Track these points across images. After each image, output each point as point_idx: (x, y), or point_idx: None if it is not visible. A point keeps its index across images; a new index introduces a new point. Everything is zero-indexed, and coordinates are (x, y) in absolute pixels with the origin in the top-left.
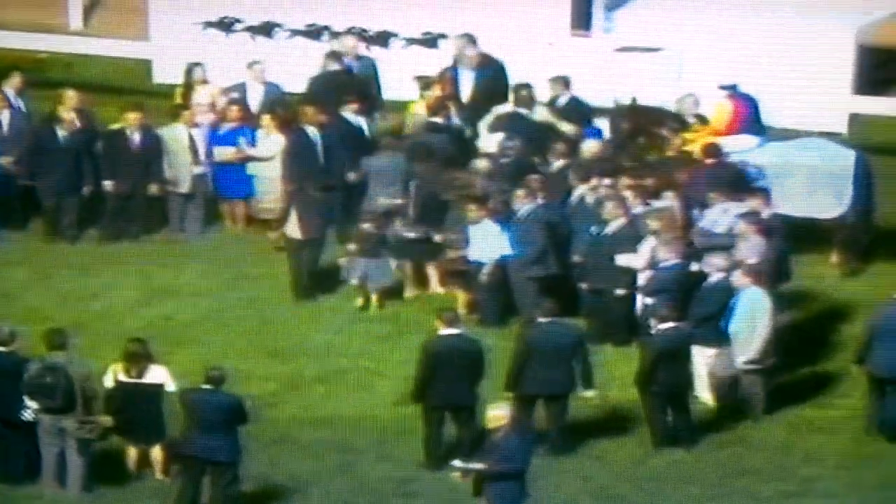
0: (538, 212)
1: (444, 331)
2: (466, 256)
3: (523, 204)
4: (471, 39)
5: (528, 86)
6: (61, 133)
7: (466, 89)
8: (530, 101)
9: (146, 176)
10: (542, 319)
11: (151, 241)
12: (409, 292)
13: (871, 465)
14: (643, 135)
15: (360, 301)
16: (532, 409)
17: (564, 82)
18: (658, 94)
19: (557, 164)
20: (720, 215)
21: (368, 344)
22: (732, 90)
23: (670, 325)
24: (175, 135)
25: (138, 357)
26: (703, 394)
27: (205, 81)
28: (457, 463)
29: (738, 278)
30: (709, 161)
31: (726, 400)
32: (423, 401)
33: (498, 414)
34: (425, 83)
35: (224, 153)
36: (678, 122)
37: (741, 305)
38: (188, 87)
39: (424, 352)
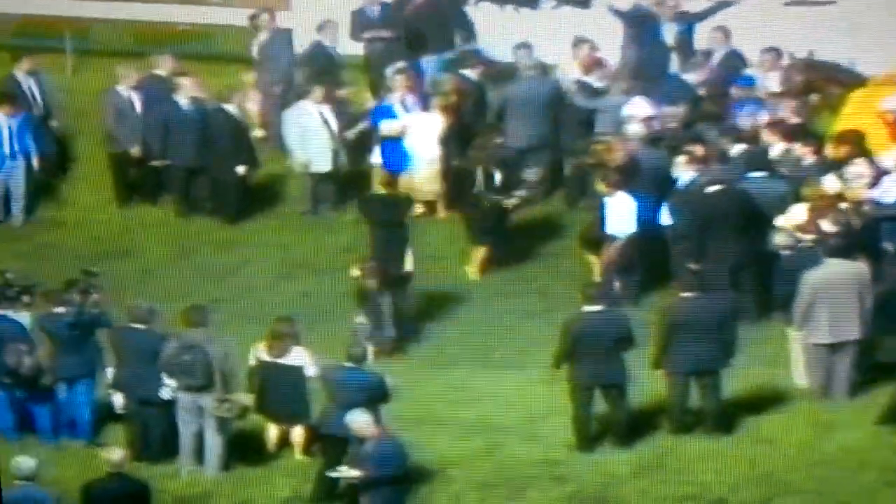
0: (698, 181)
1: (587, 308)
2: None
3: (684, 172)
4: None
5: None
6: (183, 103)
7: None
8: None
9: (207, 154)
10: (685, 294)
11: (288, 216)
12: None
13: None
14: (815, 91)
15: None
16: (686, 388)
17: (724, 33)
18: (829, 51)
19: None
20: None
21: (517, 321)
22: None
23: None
24: (307, 112)
25: (283, 336)
26: (798, 378)
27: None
28: (333, 473)
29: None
30: None
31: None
32: (568, 376)
33: (362, 421)
34: (577, 41)
35: (390, 127)
36: (852, 78)
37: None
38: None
39: (566, 329)
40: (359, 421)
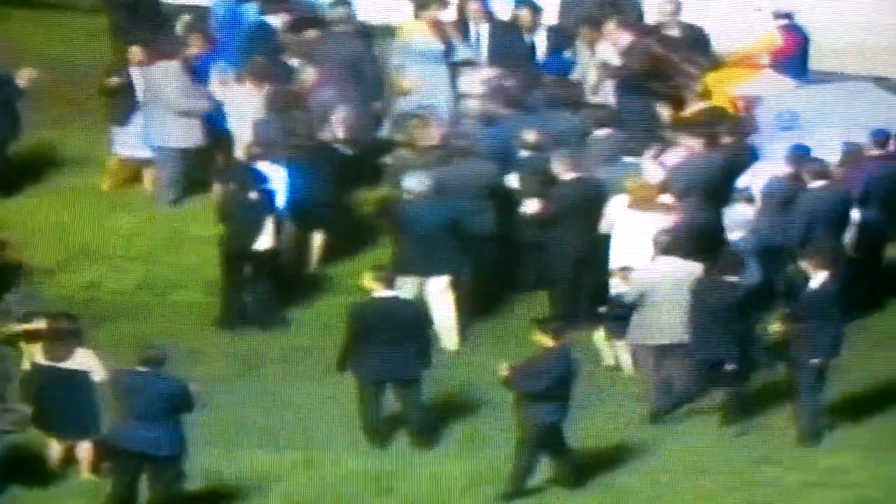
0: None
1: (378, 293)
2: None
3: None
4: None
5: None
6: None
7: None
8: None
9: None
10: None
11: (70, 191)
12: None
13: None
14: (664, 71)
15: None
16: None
17: (676, 5)
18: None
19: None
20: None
21: (335, 318)
22: (788, 19)
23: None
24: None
25: (64, 336)
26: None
27: None
28: None
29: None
30: (877, 152)
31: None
32: (343, 369)
33: None
34: (421, 2)
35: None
36: (707, 60)
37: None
38: None
39: (352, 318)
40: None
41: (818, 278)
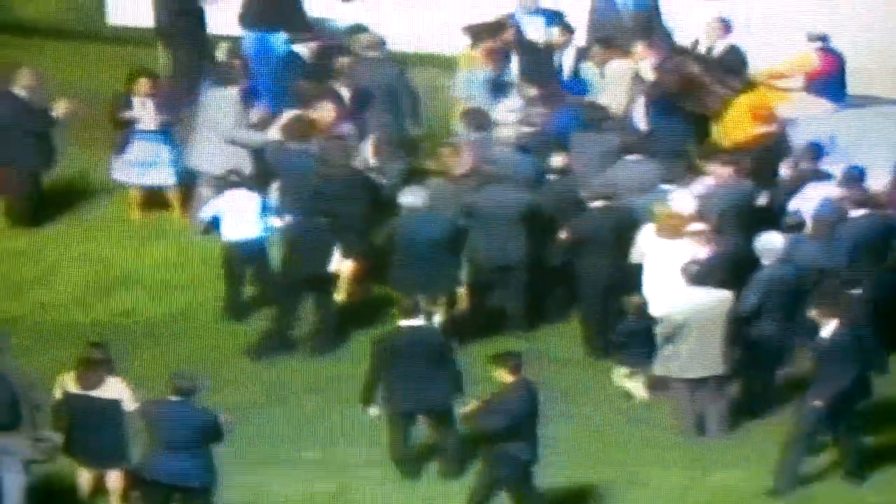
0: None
1: (404, 322)
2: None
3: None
4: None
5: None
6: None
7: (537, 36)
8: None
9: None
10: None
11: (102, 219)
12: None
13: None
14: (694, 90)
15: None
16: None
17: (725, 26)
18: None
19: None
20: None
21: (365, 347)
22: (823, 42)
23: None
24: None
25: (95, 365)
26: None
27: None
28: None
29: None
30: None
31: None
32: (368, 403)
33: None
34: (476, 33)
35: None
36: (739, 80)
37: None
38: None
39: (377, 348)
40: None
41: (829, 327)
